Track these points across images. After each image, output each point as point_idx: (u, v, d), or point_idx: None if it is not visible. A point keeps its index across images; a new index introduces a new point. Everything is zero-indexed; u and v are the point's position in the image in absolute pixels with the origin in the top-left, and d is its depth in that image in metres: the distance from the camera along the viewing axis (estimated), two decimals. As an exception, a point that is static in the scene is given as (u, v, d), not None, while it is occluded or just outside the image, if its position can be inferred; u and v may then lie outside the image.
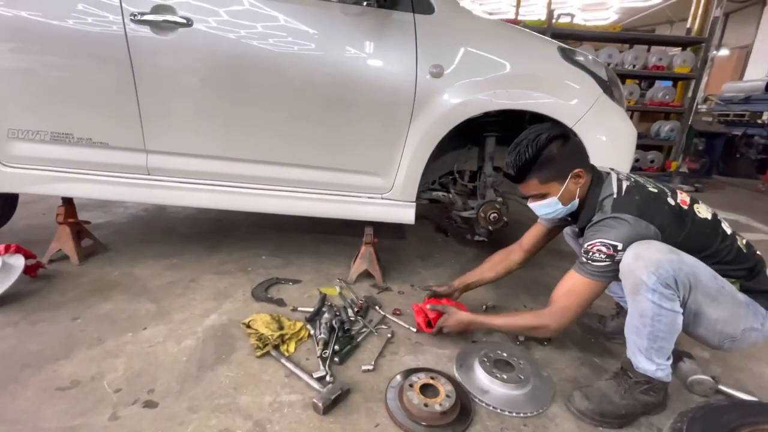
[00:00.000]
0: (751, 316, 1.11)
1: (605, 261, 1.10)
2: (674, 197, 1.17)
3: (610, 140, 1.66)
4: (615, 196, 1.15)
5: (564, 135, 1.18)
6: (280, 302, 1.71)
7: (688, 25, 5.21)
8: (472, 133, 1.94)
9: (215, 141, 1.73)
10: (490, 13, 10.59)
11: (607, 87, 1.69)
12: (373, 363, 1.34)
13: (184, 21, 1.56)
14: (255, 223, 2.69)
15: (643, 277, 1.04)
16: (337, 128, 1.68)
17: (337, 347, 1.37)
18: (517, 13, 6.42)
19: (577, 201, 1.23)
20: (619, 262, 1.08)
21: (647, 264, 1.03)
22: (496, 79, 1.61)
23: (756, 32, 9.43)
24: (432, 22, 1.60)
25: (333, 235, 2.51)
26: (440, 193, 2.17)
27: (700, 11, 5.03)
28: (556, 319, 1.19)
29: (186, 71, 1.63)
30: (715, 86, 8.40)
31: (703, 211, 1.17)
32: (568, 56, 1.66)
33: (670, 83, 5.16)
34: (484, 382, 1.26)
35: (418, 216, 1.84)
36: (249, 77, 1.61)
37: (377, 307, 1.70)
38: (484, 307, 1.78)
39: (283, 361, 1.31)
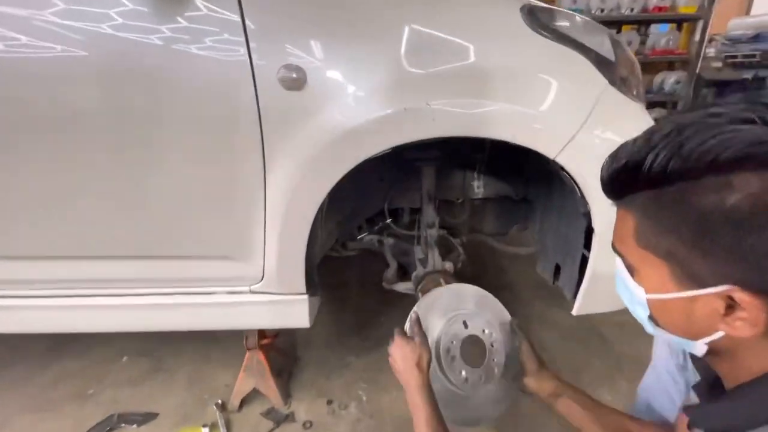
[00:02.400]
0: None
1: None
2: None
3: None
4: None
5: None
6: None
7: (692, -47, 4.30)
8: (405, 159, 1.21)
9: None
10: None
11: (614, 71, 0.94)
12: None
13: None
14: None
15: None
16: (141, 186, 0.94)
17: None
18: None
19: (700, 347, 0.45)
20: None
21: None
22: (405, 83, 0.86)
23: (761, -45, 8.32)
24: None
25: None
26: (374, 238, 1.48)
27: (705, -68, 4.13)
28: None
29: None
30: (720, 25, 7.45)
31: None
32: (541, 23, 0.89)
33: (667, 28, 4.36)
34: None
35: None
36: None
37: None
38: None
39: None
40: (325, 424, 1.22)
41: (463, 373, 0.83)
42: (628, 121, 0.94)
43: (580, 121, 0.88)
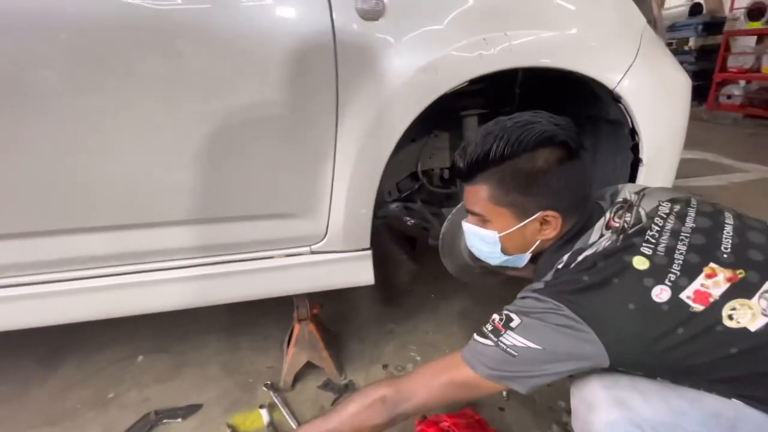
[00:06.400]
0: None
1: (487, 339, 0.66)
2: (679, 286, 0.59)
3: (664, 103, 1.02)
4: (565, 262, 0.69)
5: (569, 147, 0.68)
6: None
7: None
8: (439, 112, 1.22)
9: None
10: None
11: (649, 11, 1.02)
12: None
13: None
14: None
15: None
16: (200, 144, 0.85)
17: None
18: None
19: (526, 258, 0.79)
20: (505, 350, 0.63)
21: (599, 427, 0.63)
22: (481, 11, 0.87)
23: (664, -42, 9.41)
24: None
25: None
26: (401, 205, 1.46)
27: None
28: (392, 399, 0.70)
29: None
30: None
31: (745, 317, 0.56)
32: None
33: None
34: None
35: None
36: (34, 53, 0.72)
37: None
38: (504, 391, 1.13)
39: None
40: (388, 386, 1.18)
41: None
42: (660, 55, 1.03)
43: (633, 54, 0.94)
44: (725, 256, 0.60)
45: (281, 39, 0.79)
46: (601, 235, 0.69)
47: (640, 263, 0.60)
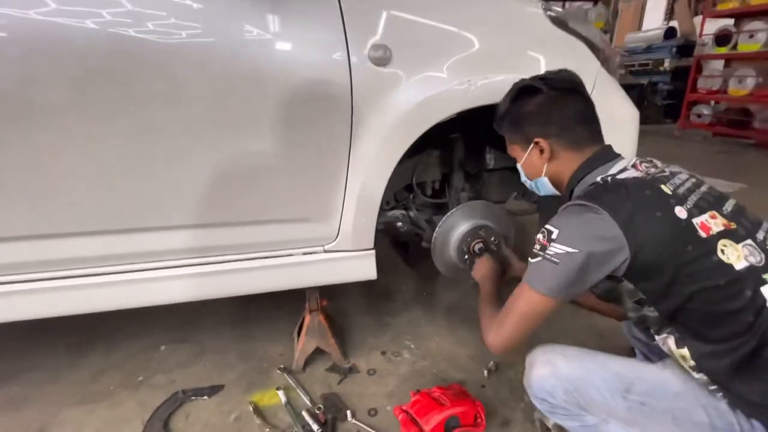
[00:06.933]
0: None
1: (537, 256, 0.79)
2: (693, 213, 0.74)
3: (615, 131, 1.24)
4: (600, 182, 0.82)
5: (534, 88, 0.88)
6: (192, 449, 1.09)
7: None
8: (432, 134, 1.42)
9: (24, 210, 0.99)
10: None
11: (605, 58, 1.25)
12: None
13: None
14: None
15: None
16: (235, 159, 1.04)
17: None
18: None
19: (545, 180, 0.94)
20: (550, 259, 0.76)
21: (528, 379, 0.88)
22: (468, 60, 1.08)
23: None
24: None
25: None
26: (398, 213, 1.65)
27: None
28: (495, 336, 0.86)
29: None
30: (619, 38, 8.78)
31: (732, 256, 0.72)
32: (560, 22, 1.17)
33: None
34: None
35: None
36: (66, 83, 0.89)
37: (349, 414, 1.16)
38: (485, 371, 1.32)
39: None
40: (387, 369, 1.36)
41: (466, 257, 1.28)
42: (611, 92, 1.27)
43: (589, 90, 1.16)
44: (725, 213, 0.77)
45: (309, 79, 0.99)
46: (624, 169, 0.82)
47: (666, 189, 0.76)
